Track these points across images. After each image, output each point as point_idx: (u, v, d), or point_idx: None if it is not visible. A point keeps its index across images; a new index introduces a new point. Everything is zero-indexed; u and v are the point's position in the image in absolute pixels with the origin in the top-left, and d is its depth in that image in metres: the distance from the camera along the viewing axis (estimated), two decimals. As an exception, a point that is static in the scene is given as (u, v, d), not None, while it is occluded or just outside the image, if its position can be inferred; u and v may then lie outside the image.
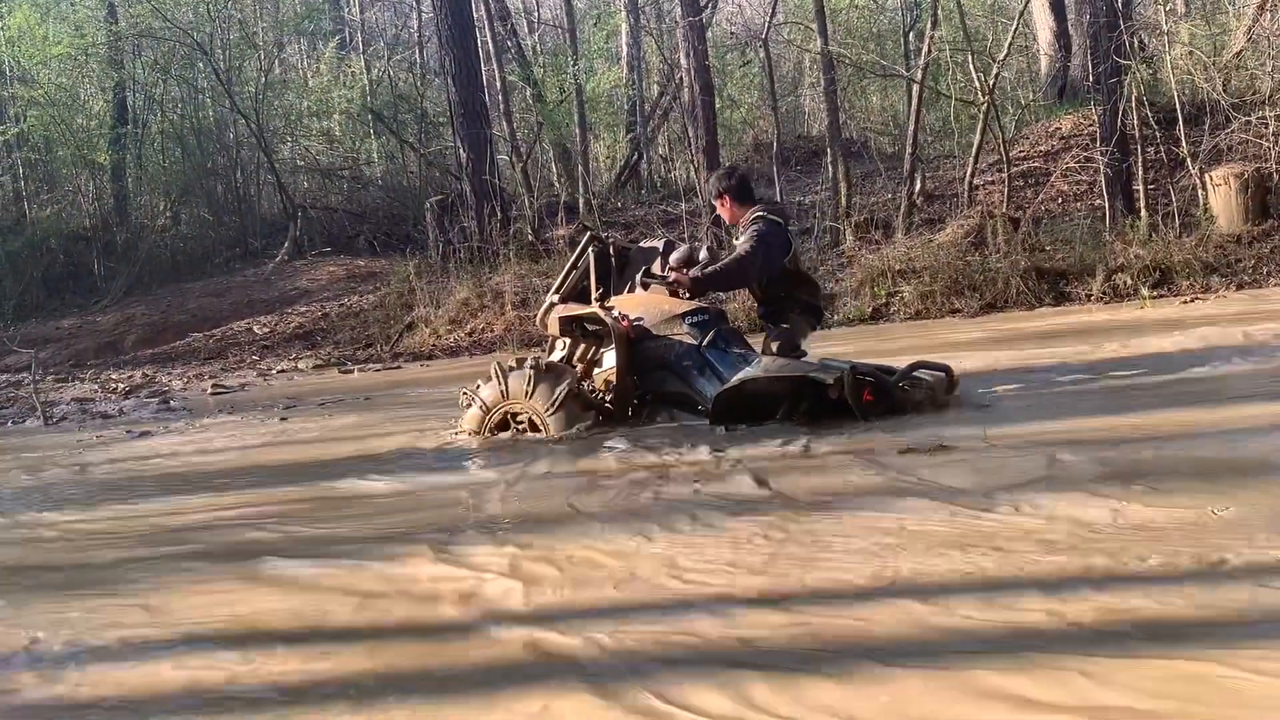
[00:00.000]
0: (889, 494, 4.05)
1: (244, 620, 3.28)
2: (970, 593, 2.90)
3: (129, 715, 2.70)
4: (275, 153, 19.77)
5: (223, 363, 13.67)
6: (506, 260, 14.42)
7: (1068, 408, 5.52)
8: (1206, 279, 10.68)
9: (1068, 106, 15.42)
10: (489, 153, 15.85)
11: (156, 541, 4.48)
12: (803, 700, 2.37)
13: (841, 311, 11.51)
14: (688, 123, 15.63)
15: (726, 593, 3.11)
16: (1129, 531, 3.28)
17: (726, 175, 6.66)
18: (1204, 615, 2.62)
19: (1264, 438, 4.35)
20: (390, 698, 2.60)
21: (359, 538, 4.20)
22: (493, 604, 3.22)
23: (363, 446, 6.52)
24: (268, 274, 17.35)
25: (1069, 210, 13.12)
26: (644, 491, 4.55)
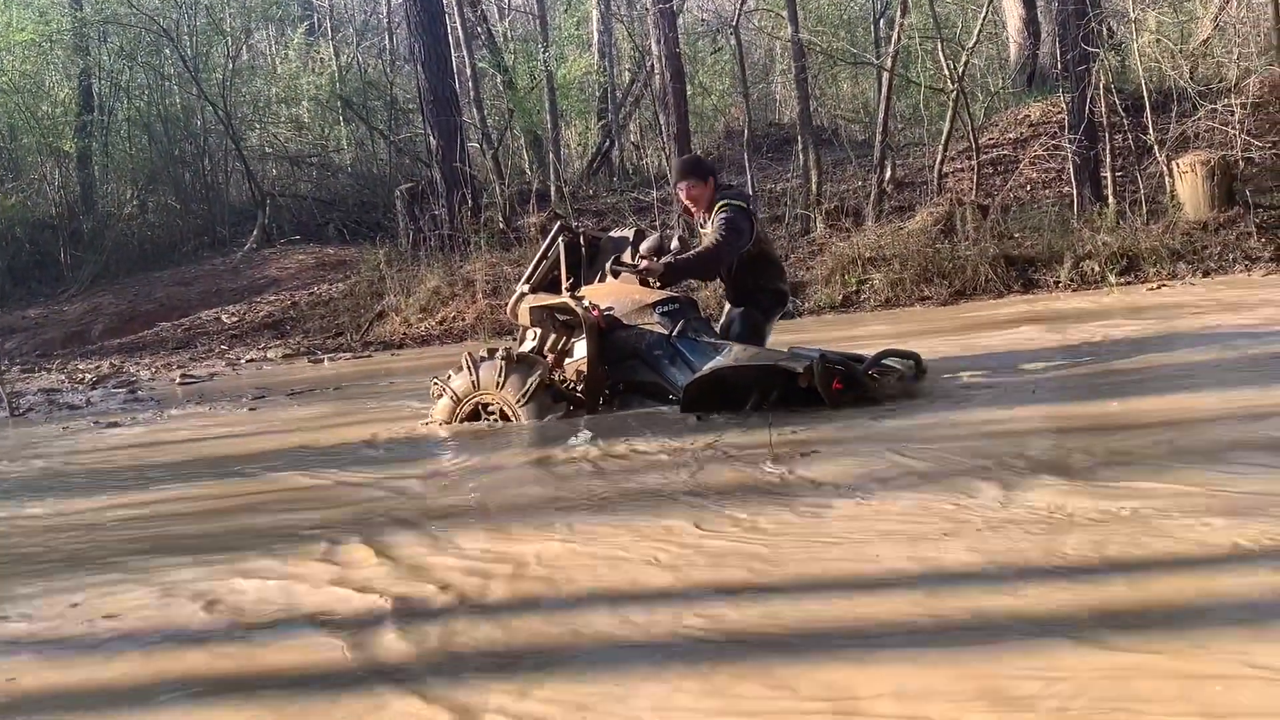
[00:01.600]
0: (856, 481, 4.07)
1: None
2: (942, 582, 2.91)
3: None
4: (243, 140, 19.62)
5: (191, 352, 13.58)
6: (477, 248, 14.38)
7: (1031, 395, 5.56)
8: (1173, 266, 10.77)
9: (1036, 94, 15.49)
10: (459, 140, 15.81)
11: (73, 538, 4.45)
12: (777, 689, 2.38)
13: (812, 299, 11.54)
14: (659, 110, 15.61)
15: (699, 581, 3.11)
16: (1077, 519, 3.31)
17: (700, 160, 6.76)
18: (1142, 605, 2.64)
19: (1223, 426, 4.39)
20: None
21: (305, 527, 4.18)
22: (425, 597, 3.21)
23: (330, 437, 6.49)
24: (236, 262, 17.24)
25: (1037, 198, 13.21)
26: (610, 481, 4.55)
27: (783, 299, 6.69)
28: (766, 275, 6.49)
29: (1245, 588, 2.68)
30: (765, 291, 6.46)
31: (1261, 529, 3.04)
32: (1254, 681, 2.19)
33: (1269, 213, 11.33)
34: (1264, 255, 10.76)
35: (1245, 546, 2.93)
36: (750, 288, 6.42)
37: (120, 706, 2.64)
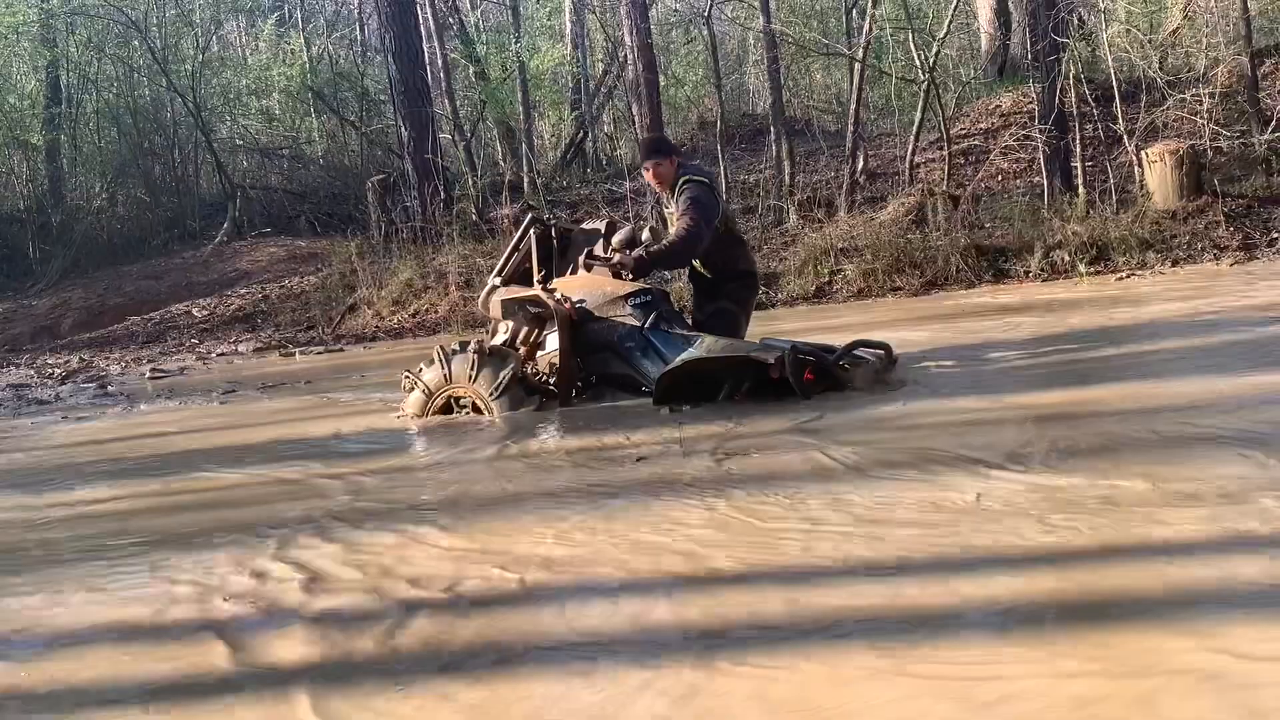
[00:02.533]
0: (817, 473, 4.09)
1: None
2: (918, 571, 2.93)
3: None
4: (213, 132, 19.46)
5: (161, 346, 13.48)
6: (450, 240, 14.31)
7: (1000, 384, 5.59)
8: (1142, 255, 10.83)
9: (1007, 84, 15.55)
10: (431, 131, 15.72)
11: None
12: (761, 683, 2.39)
13: (785, 290, 11.55)
14: (632, 101, 15.58)
15: (674, 573, 3.12)
16: (1040, 508, 3.33)
17: (662, 139, 6.81)
18: (1108, 592, 2.67)
19: (1191, 414, 4.42)
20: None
21: (264, 521, 4.17)
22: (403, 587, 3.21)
23: (300, 431, 6.47)
24: (206, 256, 17.12)
25: (1008, 188, 13.26)
26: (581, 473, 4.55)
27: (754, 281, 6.73)
28: (735, 254, 6.53)
29: (1217, 576, 2.71)
30: (736, 276, 6.47)
31: (1233, 518, 3.07)
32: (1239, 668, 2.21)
33: (1237, 202, 11.43)
34: (1232, 244, 10.85)
35: (1215, 536, 2.96)
36: (721, 269, 6.42)
37: (60, 707, 2.63)
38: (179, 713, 2.55)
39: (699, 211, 6.07)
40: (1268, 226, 11.14)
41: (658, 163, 6.43)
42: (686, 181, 6.23)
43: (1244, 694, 2.10)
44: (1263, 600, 2.53)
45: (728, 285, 6.42)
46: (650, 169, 6.48)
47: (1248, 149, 12.22)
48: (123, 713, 2.57)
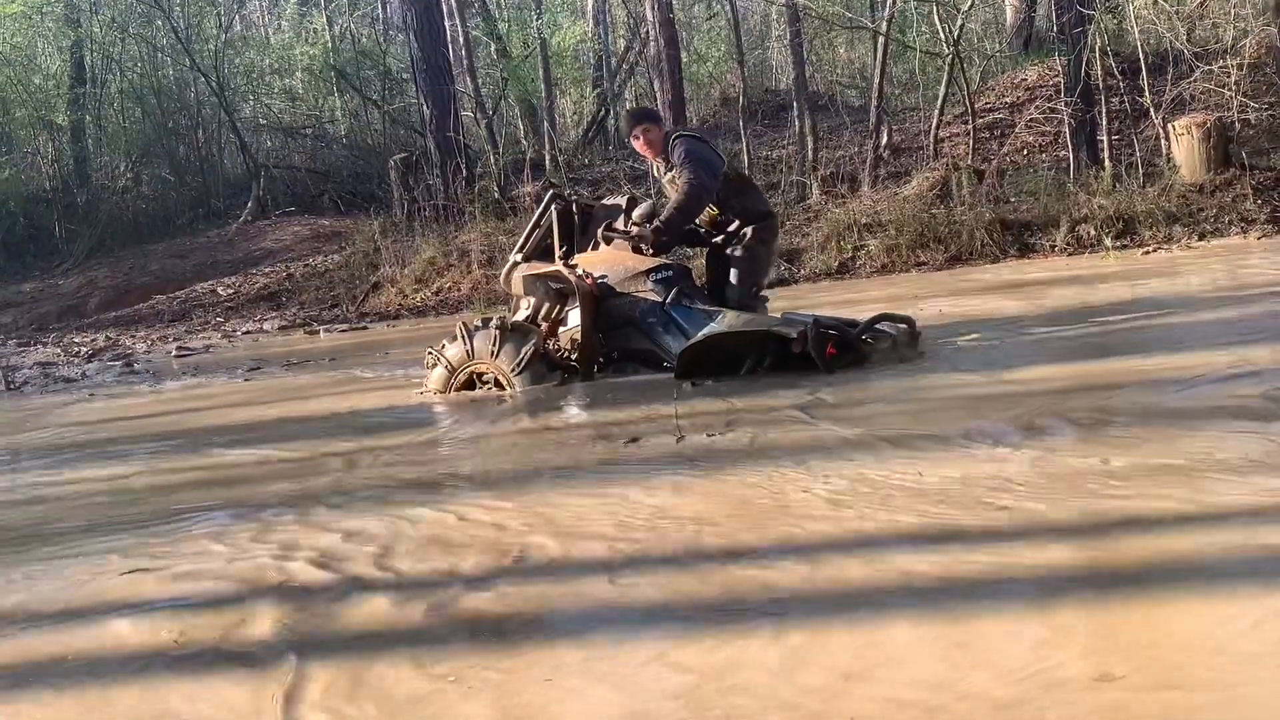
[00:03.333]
0: (841, 446, 4.08)
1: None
2: (923, 543, 2.93)
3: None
4: (237, 111, 19.51)
5: (186, 325, 13.57)
6: (472, 218, 14.32)
7: (1024, 358, 5.57)
8: (1169, 229, 10.74)
9: (1033, 57, 15.41)
10: (453, 109, 15.71)
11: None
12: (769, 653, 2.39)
13: (808, 266, 11.52)
14: (654, 77, 15.52)
15: (693, 545, 3.12)
16: (1066, 479, 3.31)
17: (643, 109, 6.80)
18: (1125, 563, 2.66)
19: (1210, 387, 4.39)
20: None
21: (283, 498, 4.19)
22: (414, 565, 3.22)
23: (323, 407, 6.51)
24: (231, 235, 17.19)
25: (1034, 162, 13.16)
26: (605, 447, 4.56)
27: (774, 224, 6.66)
28: (752, 196, 6.53)
29: (1241, 547, 2.69)
30: (759, 217, 6.39)
31: (1249, 489, 3.05)
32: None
33: (1265, 174, 11.30)
34: (1259, 217, 10.73)
35: (1237, 505, 2.95)
36: (743, 212, 6.35)
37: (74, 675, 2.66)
38: (194, 681, 2.57)
39: (697, 162, 6.02)
40: (1296, 199, 11.02)
41: (645, 128, 6.41)
42: (677, 138, 6.21)
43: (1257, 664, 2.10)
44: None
45: (754, 228, 6.31)
46: (640, 137, 6.44)
47: (1276, 121, 12.08)
48: (124, 682, 2.60)
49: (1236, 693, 2.01)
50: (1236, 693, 2.01)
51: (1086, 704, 2.00)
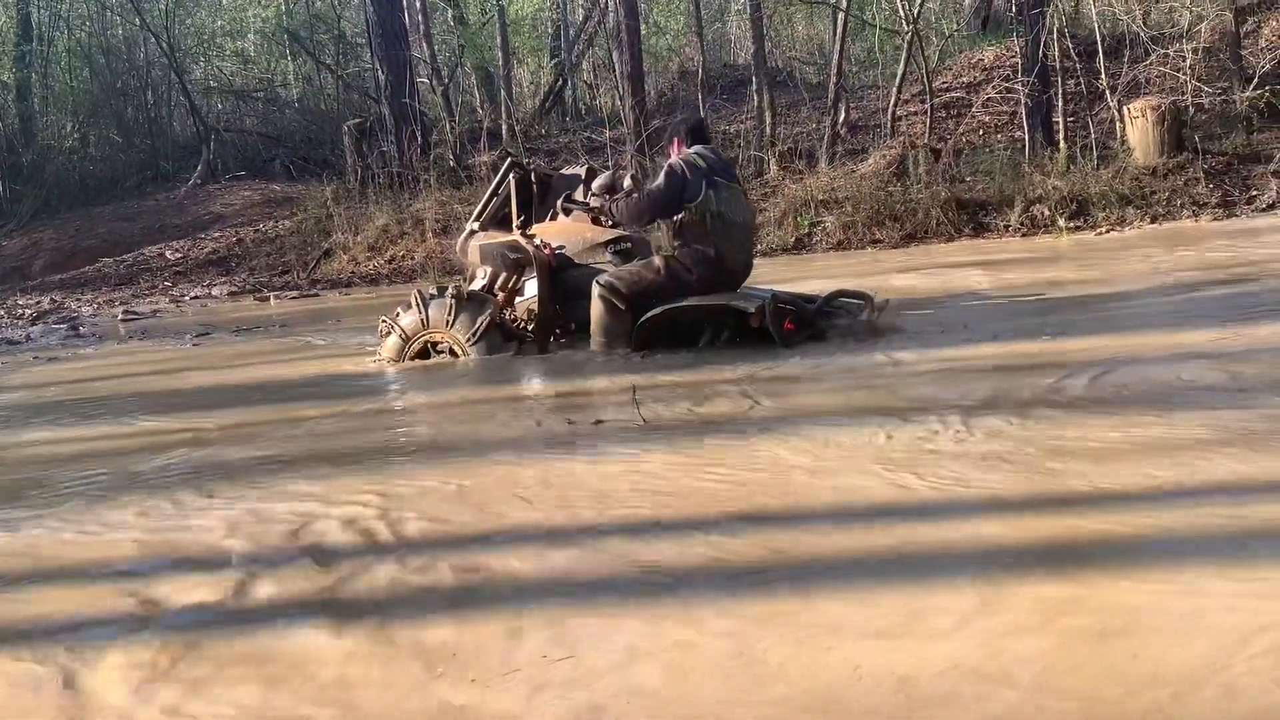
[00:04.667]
0: (799, 416, 4.07)
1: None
2: (898, 514, 2.92)
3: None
4: (187, 73, 19.20)
5: (134, 289, 13.36)
6: (427, 186, 14.19)
7: (972, 336, 5.59)
8: (1122, 210, 10.84)
9: (990, 37, 15.48)
10: (409, 76, 15.55)
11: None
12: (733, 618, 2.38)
13: (765, 241, 11.50)
14: (613, 48, 15.42)
15: (634, 517, 3.09)
16: (1019, 456, 3.33)
17: (684, 120, 6.45)
18: (1083, 539, 2.67)
19: (1166, 366, 4.43)
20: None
21: (225, 464, 4.12)
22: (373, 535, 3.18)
23: (273, 373, 6.42)
24: (180, 198, 16.94)
25: (989, 141, 13.22)
26: (552, 418, 4.52)
27: (712, 274, 5.82)
28: (710, 240, 5.81)
29: (1193, 524, 2.71)
30: (696, 256, 5.80)
31: (1199, 466, 3.08)
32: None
33: (1217, 159, 11.42)
34: (1211, 201, 10.86)
35: (1187, 484, 2.97)
36: (684, 239, 5.82)
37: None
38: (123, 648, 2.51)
39: (663, 182, 5.86)
40: (1247, 184, 11.15)
41: (676, 143, 6.20)
42: (687, 153, 6.01)
43: (1219, 633, 2.11)
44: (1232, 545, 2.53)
45: (680, 253, 5.84)
46: (676, 145, 6.22)
47: (1229, 106, 12.21)
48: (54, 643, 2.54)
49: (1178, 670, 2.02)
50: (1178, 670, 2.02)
51: (1029, 679, 2.00)
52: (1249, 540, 2.57)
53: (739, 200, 6.13)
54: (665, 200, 5.81)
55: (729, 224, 5.89)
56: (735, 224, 5.96)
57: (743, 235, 6.14)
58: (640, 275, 5.89)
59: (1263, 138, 11.75)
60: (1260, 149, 11.56)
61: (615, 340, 5.85)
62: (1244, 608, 2.20)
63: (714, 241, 5.82)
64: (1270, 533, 2.60)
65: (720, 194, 5.85)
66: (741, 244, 6.09)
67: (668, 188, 5.80)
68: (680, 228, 5.83)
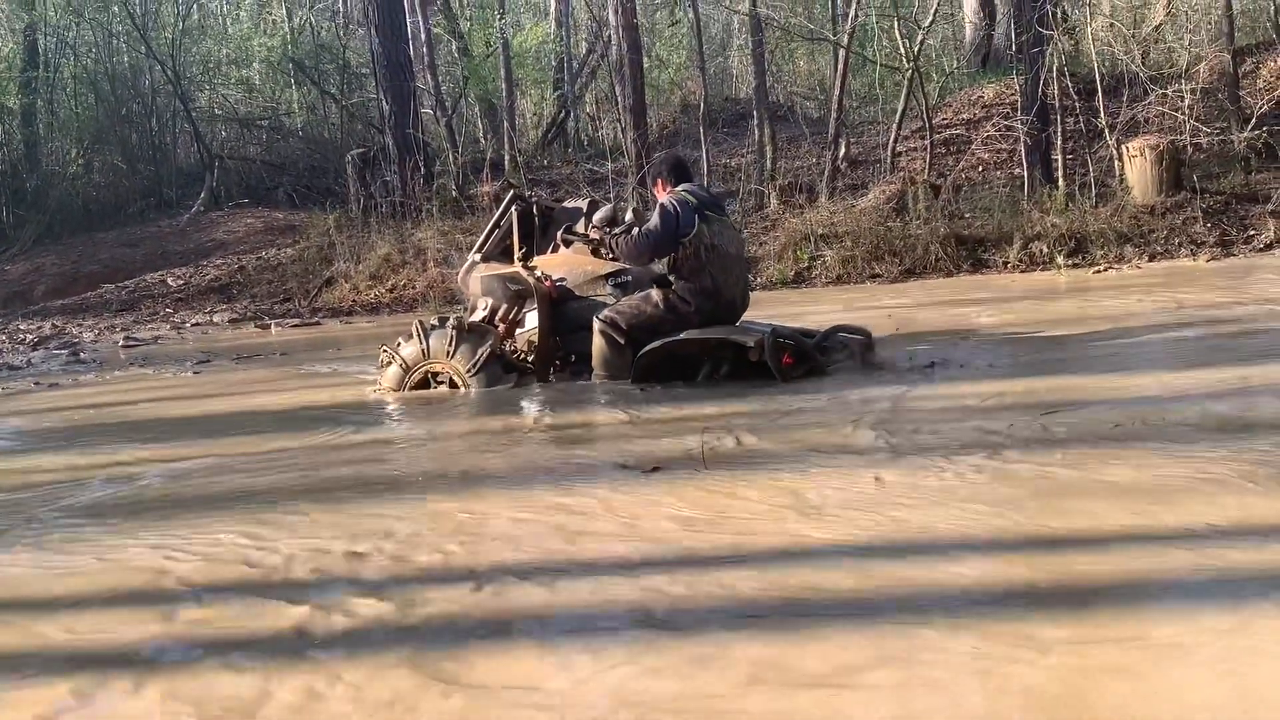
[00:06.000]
0: (792, 457, 4.09)
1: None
2: (880, 554, 2.93)
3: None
4: (192, 101, 19.32)
5: (135, 315, 13.39)
6: (429, 216, 14.27)
7: (977, 373, 5.61)
8: (1120, 248, 10.89)
9: (990, 75, 15.57)
10: (412, 106, 15.65)
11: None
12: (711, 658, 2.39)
13: (764, 275, 11.56)
14: (615, 81, 15.53)
15: (633, 555, 3.10)
16: (1014, 495, 3.34)
17: (662, 160, 6.48)
18: (1075, 581, 2.68)
19: (1164, 405, 4.45)
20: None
21: (222, 494, 4.14)
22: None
23: (273, 402, 6.43)
24: (183, 225, 17.00)
25: (989, 178, 13.30)
26: (553, 451, 4.53)
27: (709, 305, 5.91)
28: (708, 273, 5.90)
29: (1183, 567, 2.72)
30: (695, 289, 5.87)
31: (1197, 508, 3.09)
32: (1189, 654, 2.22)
33: (1215, 198, 11.49)
34: (1209, 240, 10.92)
35: (1183, 527, 2.98)
36: (681, 272, 5.91)
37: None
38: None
39: (658, 222, 5.91)
40: (1244, 224, 11.22)
41: (660, 183, 6.27)
42: (676, 193, 6.06)
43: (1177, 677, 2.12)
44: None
45: (678, 286, 5.92)
46: (659, 187, 6.28)
47: (1227, 146, 12.29)
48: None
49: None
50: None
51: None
52: (1242, 583, 2.58)
53: (730, 232, 6.22)
54: (661, 240, 5.89)
55: (724, 256, 5.97)
56: (729, 255, 6.05)
57: (738, 267, 6.21)
58: (640, 309, 5.95)
59: (1260, 178, 11.83)
60: (1258, 189, 11.63)
61: (616, 374, 5.90)
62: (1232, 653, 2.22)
63: (710, 274, 5.90)
64: (1263, 576, 2.62)
65: (713, 227, 5.94)
66: (738, 275, 6.17)
67: (663, 227, 5.87)
68: (677, 262, 5.91)
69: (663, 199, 6.04)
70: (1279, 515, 3.01)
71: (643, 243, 5.93)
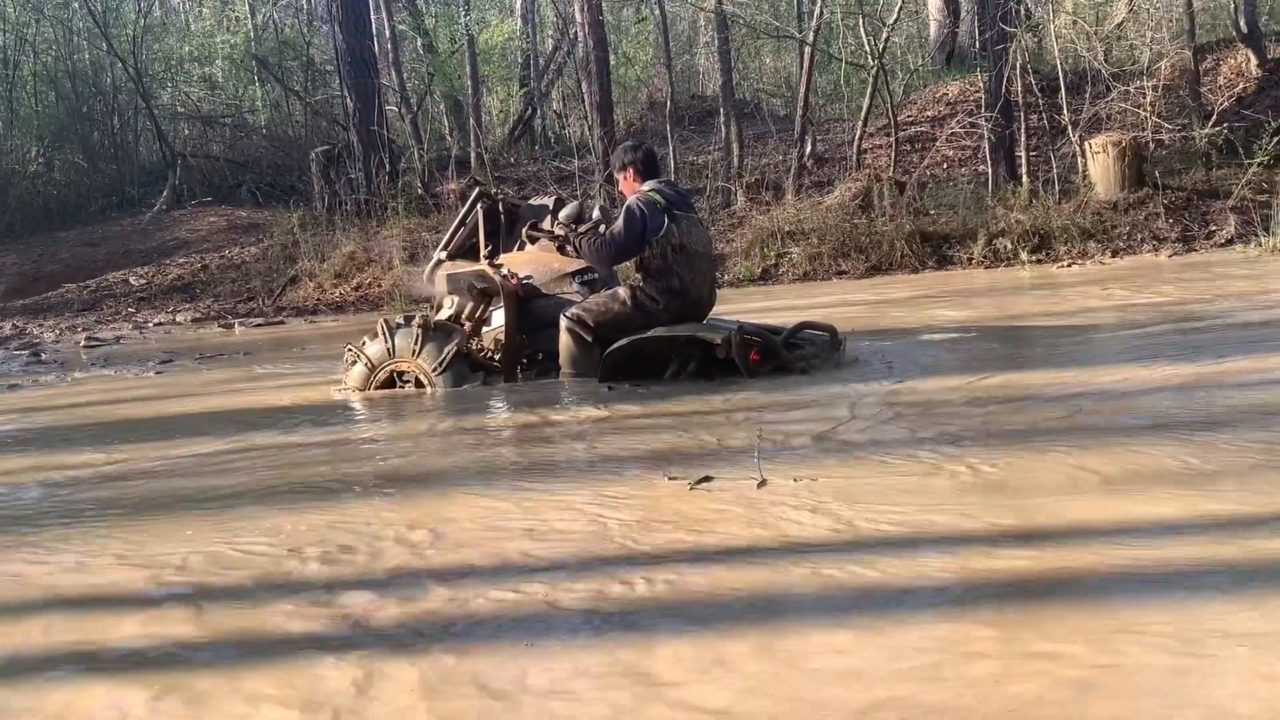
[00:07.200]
0: (749, 453, 4.09)
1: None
2: (834, 552, 2.94)
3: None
4: (154, 98, 19.13)
5: (97, 315, 13.25)
6: (395, 214, 14.19)
7: (942, 368, 5.63)
8: (1083, 244, 10.98)
9: (955, 72, 15.66)
10: (377, 103, 15.56)
11: None
12: (671, 659, 2.38)
13: (731, 271, 11.58)
14: (582, 79, 15.51)
15: (595, 553, 3.09)
16: (974, 489, 3.36)
17: (632, 148, 6.41)
18: (1034, 577, 2.69)
19: (1121, 400, 4.48)
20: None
21: (183, 496, 4.10)
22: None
23: (236, 402, 6.37)
24: (145, 224, 16.84)
25: (953, 175, 13.37)
26: (519, 450, 4.52)
27: (676, 304, 5.91)
28: (675, 271, 5.89)
29: (1138, 560, 2.74)
30: (663, 289, 5.89)
31: (1154, 501, 3.11)
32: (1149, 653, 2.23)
33: (1176, 194, 11.60)
34: (1171, 236, 11.02)
35: (1140, 519, 3.00)
36: (648, 271, 5.94)
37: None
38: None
39: (623, 226, 5.90)
40: (1206, 219, 11.33)
41: (618, 174, 6.27)
42: (642, 193, 6.04)
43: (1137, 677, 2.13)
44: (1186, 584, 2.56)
45: (646, 284, 5.94)
46: (628, 177, 6.26)
47: (1188, 142, 12.41)
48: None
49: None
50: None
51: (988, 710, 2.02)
52: (1199, 576, 2.60)
53: (699, 230, 6.20)
54: (626, 244, 5.88)
55: (691, 254, 5.96)
56: (697, 254, 6.04)
57: (705, 264, 6.20)
58: (607, 307, 5.93)
59: (1221, 174, 11.94)
60: (1219, 185, 11.74)
61: (583, 372, 5.88)
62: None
63: (678, 272, 5.89)
64: (1228, 567, 2.63)
65: (681, 226, 5.93)
66: (705, 273, 6.16)
67: (627, 233, 5.86)
68: (644, 262, 5.91)
69: (629, 200, 6.01)
70: (1230, 511, 3.04)
71: (606, 248, 5.92)
